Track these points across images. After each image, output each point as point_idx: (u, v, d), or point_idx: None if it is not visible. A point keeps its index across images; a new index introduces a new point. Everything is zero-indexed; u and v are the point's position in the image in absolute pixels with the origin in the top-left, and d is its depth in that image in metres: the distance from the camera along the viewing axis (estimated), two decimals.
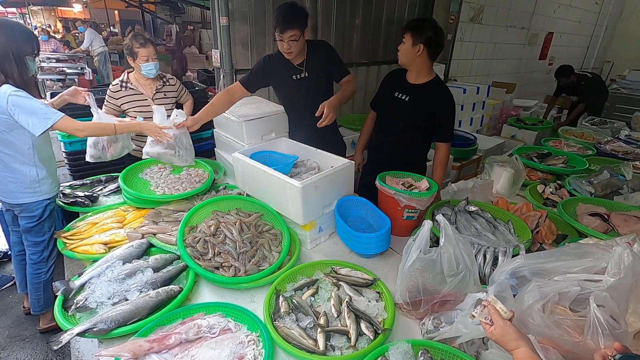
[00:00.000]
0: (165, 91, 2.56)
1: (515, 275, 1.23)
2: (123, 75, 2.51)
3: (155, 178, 2.09)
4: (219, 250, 1.47)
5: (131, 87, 2.48)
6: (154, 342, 1.09)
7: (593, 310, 0.96)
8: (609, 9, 8.56)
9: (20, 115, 1.75)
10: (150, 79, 2.50)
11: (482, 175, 2.46)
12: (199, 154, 3.03)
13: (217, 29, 3.08)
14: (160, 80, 2.55)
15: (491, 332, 0.91)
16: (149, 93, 2.51)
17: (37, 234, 2.09)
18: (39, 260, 2.17)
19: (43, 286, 2.23)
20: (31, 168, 1.95)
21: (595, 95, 4.63)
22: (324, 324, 1.19)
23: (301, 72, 2.18)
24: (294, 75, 2.19)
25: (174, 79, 2.65)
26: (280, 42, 2.01)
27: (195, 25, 12.49)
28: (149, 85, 2.52)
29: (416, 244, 1.23)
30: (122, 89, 2.47)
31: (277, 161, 1.96)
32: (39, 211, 2.03)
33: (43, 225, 2.08)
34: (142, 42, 2.35)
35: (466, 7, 5.03)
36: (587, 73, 4.79)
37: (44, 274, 2.21)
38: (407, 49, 1.92)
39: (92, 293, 1.27)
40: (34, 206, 2.01)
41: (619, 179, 2.22)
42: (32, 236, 2.10)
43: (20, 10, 11.95)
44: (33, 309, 2.30)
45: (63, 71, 6.58)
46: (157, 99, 2.53)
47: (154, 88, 2.52)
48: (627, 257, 1.04)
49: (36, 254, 2.15)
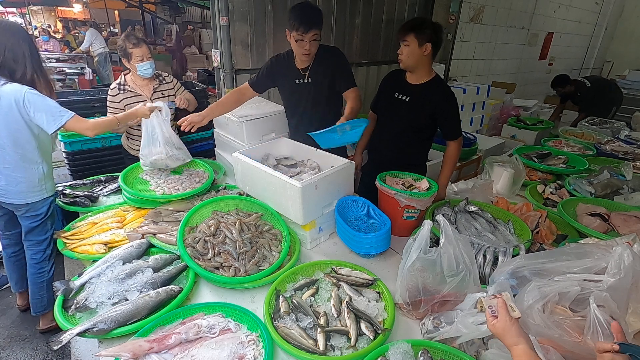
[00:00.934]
0: (162, 90, 2.56)
1: (515, 275, 1.23)
2: (120, 77, 2.50)
3: (155, 178, 2.09)
4: (219, 250, 1.47)
5: (129, 90, 2.47)
6: (154, 342, 1.09)
7: (593, 310, 0.96)
8: (609, 9, 8.56)
9: (35, 113, 1.81)
10: (147, 79, 2.49)
11: (482, 175, 2.46)
12: (199, 154, 3.05)
13: (217, 29, 3.08)
14: (156, 80, 2.54)
15: (493, 324, 0.90)
16: (147, 93, 2.51)
17: (41, 232, 2.11)
18: (42, 259, 2.18)
19: (46, 285, 2.23)
20: (38, 165, 1.98)
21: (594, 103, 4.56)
22: (324, 324, 1.19)
23: (303, 77, 2.14)
24: (297, 80, 2.16)
25: (170, 77, 2.63)
26: (301, 42, 1.94)
27: (195, 25, 12.49)
28: (146, 85, 2.51)
29: (416, 244, 1.23)
30: (120, 92, 2.46)
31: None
32: (44, 209, 2.06)
33: (46, 223, 2.11)
34: (135, 42, 2.33)
35: (466, 7, 5.03)
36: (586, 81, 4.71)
37: (47, 272, 2.22)
38: (414, 50, 1.88)
39: (92, 293, 1.27)
40: (39, 204, 2.03)
41: (619, 179, 2.22)
42: (35, 235, 2.11)
43: (20, 10, 11.95)
44: (35, 310, 2.29)
45: (63, 71, 6.58)
46: (156, 99, 2.51)
47: (152, 88, 2.51)
48: (627, 257, 1.04)
49: (39, 253, 2.16)
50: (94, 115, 2.88)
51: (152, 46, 9.97)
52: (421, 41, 1.86)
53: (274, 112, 2.35)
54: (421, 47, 1.87)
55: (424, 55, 1.90)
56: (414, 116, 2.05)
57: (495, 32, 5.93)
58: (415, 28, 1.86)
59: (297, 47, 1.99)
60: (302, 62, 2.11)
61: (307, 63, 2.11)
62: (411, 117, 2.06)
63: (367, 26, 4.24)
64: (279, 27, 3.42)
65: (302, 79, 2.15)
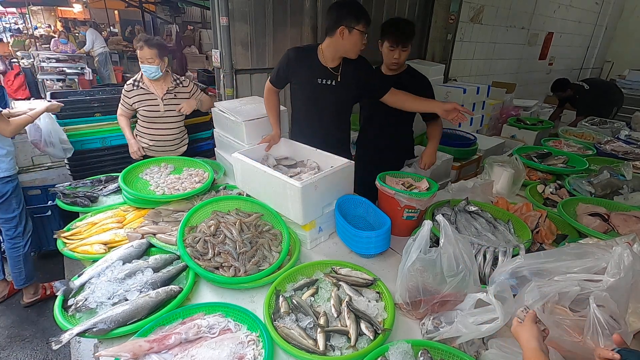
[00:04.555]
0: (176, 92, 2.61)
1: (515, 275, 1.23)
2: (137, 74, 2.59)
3: (155, 178, 2.09)
4: (219, 250, 1.47)
5: (142, 87, 2.54)
6: (154, 342, 1.09)
7: (593, 310, 0.96)
8: (609, 9, 8.55)
9: None
10: (161, 79, 2.55)
11: (482, 175, 2.46)
12: (199, 154, 3.05)
13: (217, 29, 3.08)
14: (173, 82, 2.61)
15: (516, 326, 0.95)
16: (159, 93, 2.57)
17: (8, 210, 2.36)
18: (15, 235, 2.43)
19: (23, 260, 2.46)
20: None
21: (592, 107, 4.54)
22: (324, 324, 1.19)
23: (333, 77, 2.02)
24: (320, 79, 2.03)
25: (188, 81, 2.69)
26: (392, 51, 2.12)
27: (195, 25, 12.48)
28: (160, 85, 2.58)
29: (416, 244, 1.23)
30: (134, 88, 2.55)
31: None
32: (5, 189, 2.32)
33: (10, 201, 2.36)
34: (140, 45, 2.42)
35: (466, 7, 5.03)
36: (584, 84, 4.72)
37: (22, 247, 2.45)
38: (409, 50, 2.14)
39: (92, 293, 1.27)
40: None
41: (619, 179, 2.22)
42: (2, 213, 2.36)
43: (20, 10, 11.96)
44: (16, 284, 2.53)
45: (63, 71, 6.58)
46: (167, 99, 2.58)
47: (165, 89, 2.57)
48: (627, 257, 1.04)
49: (10, 230, 2.41)
50: (94, 115, 2.89)
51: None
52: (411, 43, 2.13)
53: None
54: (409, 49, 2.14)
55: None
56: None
57: (495, 32, 5.93)
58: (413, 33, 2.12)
59: (389, 55, 2.15)
60: (390, 71, 2.25)
61: (336, 63, 2.02)
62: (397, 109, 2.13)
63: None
64: (279, 27, 3.42)
65: (329, 80, 2.03)
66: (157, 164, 2.24)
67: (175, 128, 2.68)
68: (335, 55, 1.99)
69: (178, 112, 2.59)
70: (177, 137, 2.72)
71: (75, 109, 2.83)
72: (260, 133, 2.27)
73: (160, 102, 2.55)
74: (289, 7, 3.40)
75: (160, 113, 2.57)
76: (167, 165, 2.24)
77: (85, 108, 2.87)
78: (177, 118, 2.65)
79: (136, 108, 2.57)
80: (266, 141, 2.05)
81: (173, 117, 2.63)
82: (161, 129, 2.63)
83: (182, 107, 2.57)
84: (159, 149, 2.67)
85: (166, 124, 2.63)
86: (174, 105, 2.59)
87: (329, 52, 1.99)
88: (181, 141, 2.78)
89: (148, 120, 2.60)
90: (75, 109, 2.83)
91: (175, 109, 2.58)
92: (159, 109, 2.56)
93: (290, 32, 3.48)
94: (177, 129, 2.69)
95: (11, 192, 2.33)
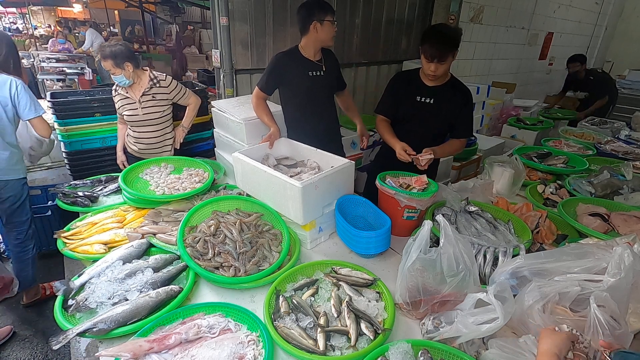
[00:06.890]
0: (153, 93, 2.51)
1: (515, 275, 1.24)
2: None
3: (155, 178, 2.09)
4: (219, 250, 1.47)
5: (120, 92, 2.53)
6: (154, 342, 1.09)
7: (593, 311, 0.96)
8: (609, 9, 8.55)
9: (20, 99, 2.14)
10: (136, 82, 2.50)
11: (482, 175, 2.46)
12: (199, 154, 3.05)
13: (217, 29, 3.08)
14: (149, 83, 2.50)
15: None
16: (136, 96, 2.50)
17: (22, 213, 2.37)
18: (26, 239, 2.43)
19: (31, 262, 2.47)
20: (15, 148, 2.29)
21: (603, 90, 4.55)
22: (324, 324, 1.19)
23: (320, 68, 2.25)
24: (311, 72, 2.23)
25: (167, 80, 2.56)
26: (428, 63, 1.90)
27: (195, 25, 12.49)
28: (137, 87, 2.51)
29: (416, 244, 1.23)
30: (116, 94, 2.56)
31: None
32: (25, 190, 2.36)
33: (25, 204, 2.38)
34: (100, 57, 2.39)
35: (466, 7, 5.03)
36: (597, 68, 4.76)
37: (31, 249, 2.46)
38: (449, 64, 1.90)
39: (92, 293, 1.27)
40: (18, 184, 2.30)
41: (619, 179, 2.21)
42: (17, 217, 2.36)
43: (20, 10, 11.97)
44: (23, 286, 2.50)
45: (63, 71, 6.58)
46: (144, 102, 2.50)
47: (141, 91, 2.50)
48: (627, 257, 1.04)
49: (22, 233, 2.41)
50: (94, 115, 2.89)
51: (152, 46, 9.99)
52: (454, 53, 1.88)
53: (274, 112, 2.34)
54: (453, 58, 1.90)
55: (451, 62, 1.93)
56: (441, 119, 2.06)
57: (495, 32, 5.93)
58: (454, 46, 1.85)
59: (428, 67, 1.93)
60: (428, 81, 2.03)
61: (318, 56, 2.26)
62: (438, 120, 2.07)
63: (367, 26, 4.24)
64: (279, 27, 3.42)
65: (318, 71, 2.25)
66: (157, 164, 2.24)
67: (158, 131, 2.60)
68: (315, 49, 2.23)
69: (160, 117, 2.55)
70: (159, 140, 2.64)
71: (75, 109, 2.82)
72: (260, 133, 2.27)
73: (138, 106, 2.49)
74: (289, 7, 3.40)
75: (140, 117, 2.51)
76: (167, 165, 2.24)
77: (85, 108, 2.86)
78: (159, 120, 2.57)
79: (121, 113, 2.54)
80: (267, 139, 2.06)
81: (154, 120, 2.55)
82: (143, 132, 2.58)
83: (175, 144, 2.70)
84: (143, 152, 2.63)
85: (147, 127, 2.56)
86: (152, 108, 2.51)
87: (309, 48, 2.22)
88: (164, 145, 2.68)
89: (131, 125, 2.57)
90: (75, 109, 2.82)
91: (155, 112, 2.51)
92: (138, 113, 2.50)
93: (290, 32, 3.48)
94: (159, 131, 2.61)
95: (26, 194, 2.35)
